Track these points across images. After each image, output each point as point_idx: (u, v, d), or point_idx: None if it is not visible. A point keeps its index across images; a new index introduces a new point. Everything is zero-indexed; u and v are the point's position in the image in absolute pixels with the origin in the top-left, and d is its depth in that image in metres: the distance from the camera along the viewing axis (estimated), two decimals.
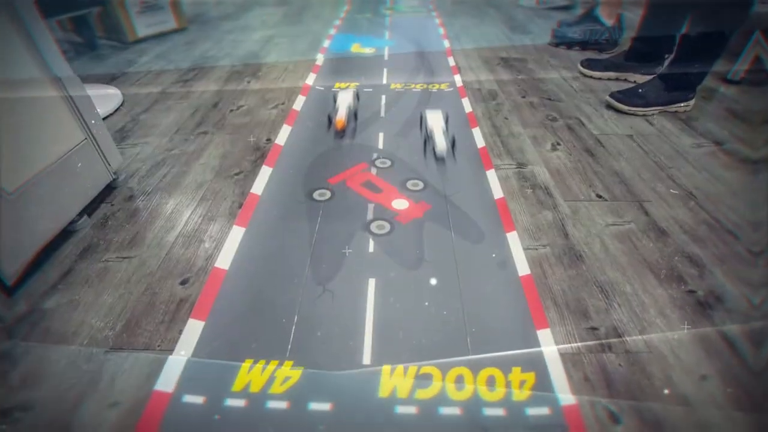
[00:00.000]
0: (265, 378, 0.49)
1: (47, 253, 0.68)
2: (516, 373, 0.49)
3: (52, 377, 0.51)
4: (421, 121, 1.01)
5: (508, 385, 0.48)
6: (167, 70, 1.41)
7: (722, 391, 0.48)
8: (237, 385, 0.48)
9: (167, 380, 0.49)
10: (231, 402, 0.47)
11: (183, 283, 0.63)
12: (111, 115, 1.12)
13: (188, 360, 0.51)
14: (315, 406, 0.46)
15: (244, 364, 0.50)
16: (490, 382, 0.48)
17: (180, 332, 0.55)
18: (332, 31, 1.73)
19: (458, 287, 0.60)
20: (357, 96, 1.12)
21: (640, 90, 1.08)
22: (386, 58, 1.45)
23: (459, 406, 0.46)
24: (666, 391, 0.48)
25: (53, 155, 0.68)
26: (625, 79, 1.26)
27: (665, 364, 0.51)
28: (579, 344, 0.54)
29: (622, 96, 1.08)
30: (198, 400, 0.47)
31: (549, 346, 0.52)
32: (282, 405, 0.46)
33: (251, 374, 0.49)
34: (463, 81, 1.26)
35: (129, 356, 0.53)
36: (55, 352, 0.54)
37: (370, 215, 0.73)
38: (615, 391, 0.48)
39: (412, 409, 0.46)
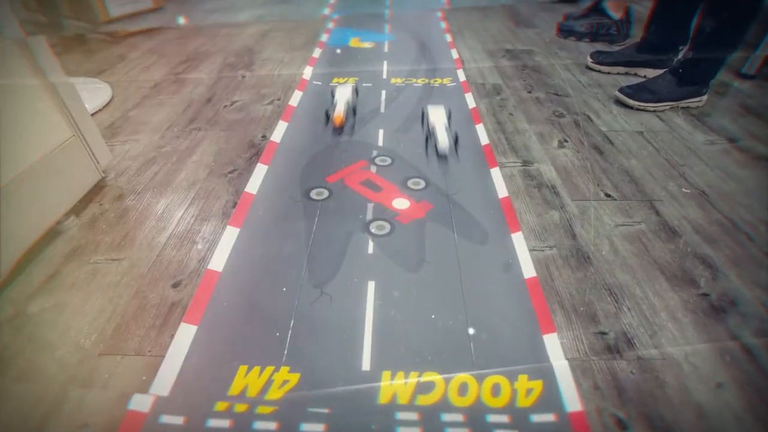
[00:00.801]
0: (261, 383, 0.49)
1: (33, 254, 0.67)
2: (522, 381, 0.49)
3: (41, 380, 0.51)
4: (423, 117, 1.01)
5: (514, 394, 0.47)
6: (158, 62, 1.41)
7: (739, 399, 0.48)
8: (233, 390, 0.48)
9: (162, 384, 0.49)
10: (226, 406, 0.46)
11: (175, 285, 0.63)
12: (100, 110, 1.12)
13: (182, 365, 0.51)
14: (312, 412, 0.46)
15: (238, 371, 0.50)
16: (496, 391, 0.48)
17: (171, 337, 0.55)
18: (330, 25, 1.73)
19: (461, 290, 0.60)
20: (356, 91, 1.12)
21: (650, 85, 1.08)
22: (386, 50, 1.44)
23: (462, 414, 0.46)
24: (681, 400, 0.48)
25: (39, 152, 0.68)
26: (635, 74, 1.26)
27: (679, 371, 0.51)
28: (587, 350, 0.53)
29: (632, 91, 1.08)
30: (195, 402, 0.47)
31: (556, 352, 0.52)
32: (274, 419, 0.46)
33: (247, 378, 0.49)
34: (467, 75, 1.26)
35: (120, 362, 0.53)
36: (45, 357, 0.54)
37: (369, 215, 0.73)
38: (628, 400, 0.48)
39: (413, 418, 0.45)
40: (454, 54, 1.40)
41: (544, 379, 0.49)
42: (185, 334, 0.54)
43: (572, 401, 0.46)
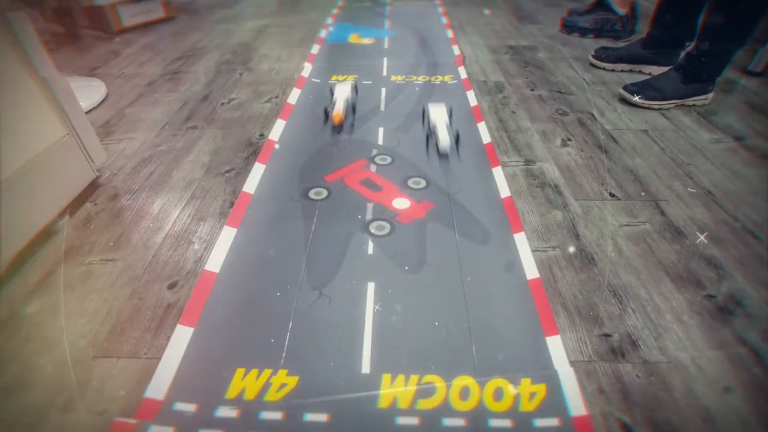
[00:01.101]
0: (259, 386, 0.48)
1: (27, 255, 0.67)
2: (525, 385, 0.48)
3: (35, 386, 0.51)
4: (424, 115, 1.01)
5: (516, 398, 0.47)
6: (153, 59, 1.41)
7: (747, 403, 0.48)
8: (230, 393, 0.48)
9: (158, 388, 0.49)
10: (222, 411, 0.46)
11: (171, 287, 0.63)
12: (95, 108, 1.12)
13: (178, 368, 0.51)
14: (310, 416, 0.46)
15: (235, 374, 0.50)
16: (498, 395, 0.48)
17: (168, 339, 0.54)
18: (329, 21, 1.72)
19: (463, 291, 0.60)
20: (355, 88, 1.12)
21: (655, 82, 1.08)
22: (386, 46, 1.44)
23: (464, 419, 0.46)
24: (688, 404, 0.48)
25: (32, 151, 0.67)
26: (640, 71, 1.26)
27: (686, 375, 0.51)
28: (591, 352, 0.53)
29: (637, 89, 1.08)
30: (189, 408, 0.46)
31: (559, 354, 0.52)
32: (271, 426, 0.45)
33: (245, 381, 0.49)
34: (468, 73, 1.26)
35: (115, 364, 0.53)
36: (39, 359, 0.53)
37: (369, 215, 0.73)
38: (633, 404, 0.48)
39: (413, 421, 0.45)
40: (456, 50, 1.40)
41: (547, 383, 0.49)
42: (181, 336, 0.54)
43: (576, 405, 0.46)
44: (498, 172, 0.83)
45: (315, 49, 1.43)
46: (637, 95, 1.07)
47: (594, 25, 1.51)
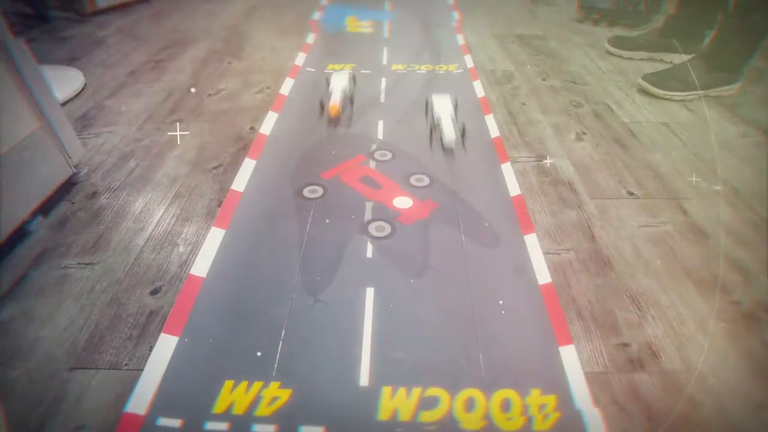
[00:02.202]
0: (249, 400, 0.48)
1: None
2: (535, 396, 0.48)
3: (6, 400, 0.51)
4: (427, 107, 1.01)
5: (526, 409, 0.47)
6: (133, 44, 1.41)
7: None
8: (218, 407, 0.48)
9: (139, 401, 0.49)
10: (210, 427, 0.46)
11: (154, 292, 0.63)
12: (71, 99, 1.12)
13: (161, 380, 0.51)
14: None
15: (223, 387, 0.50)
16: (506, 406, 0.48)
17: (150, 349, 0.55)
18: (324, 2, 1.72)
19: (469, 297, 0.60)
20: (353, 79, 1.12)
21: (677, 71, 1.08)
22: (386, 35, 1.44)
23: None
24: (718, 423, 0.48)
25: (2, 146, 0.67)
26: (660, 59, 1.26)
27: (713, 389, 0.51)
28: (608, 363, 0.53)
29: (657, 78, 1.08)
30: (174, 423, 0.46)
31: (574, 365, 0.52)
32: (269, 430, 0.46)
33: (234, 395, 0.49)
34: (475, 61, 1.26)
35: (93, 376, 0.53)
36: (11, 370, 0.53)
37: (368, 215, 0.73)
38: (658, 423, 0.48)
39: None
40: (462, 36, 1.40)
41: (562, 399, 0.48)
42: (165, 345, 0.54)
43: (595, 423, 0.46)
44: (507, 169, 0.83)
45: (309, 34, 1.43)
46: (657, 86, 1.07)
47: (615, 7, 1.50)
